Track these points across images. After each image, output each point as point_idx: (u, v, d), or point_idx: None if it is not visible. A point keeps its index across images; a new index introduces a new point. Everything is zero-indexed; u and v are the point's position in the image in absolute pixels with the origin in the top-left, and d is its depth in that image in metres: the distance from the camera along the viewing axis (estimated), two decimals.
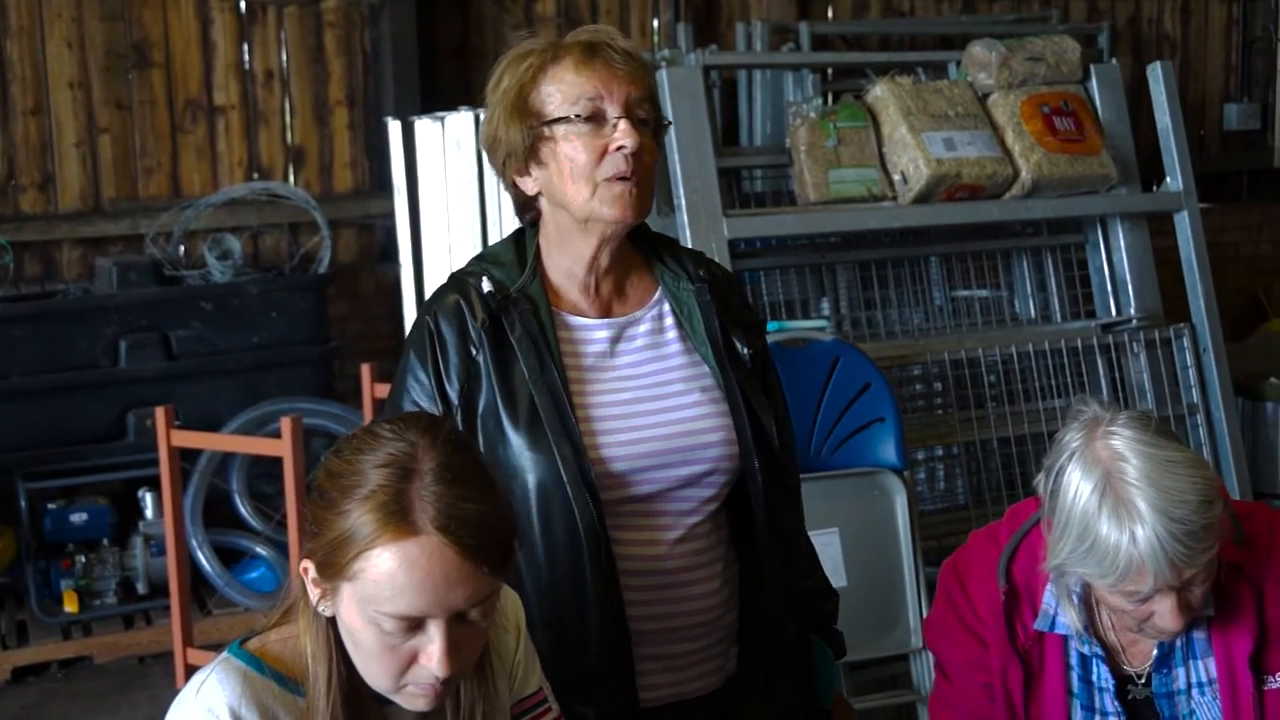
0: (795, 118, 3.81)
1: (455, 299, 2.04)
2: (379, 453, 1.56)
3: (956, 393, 3.97)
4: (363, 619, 1.55)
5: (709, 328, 2.09)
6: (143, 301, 5.17)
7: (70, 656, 4.89)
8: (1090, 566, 1.89)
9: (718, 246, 3.49)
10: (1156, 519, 1.83)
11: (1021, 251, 4.29)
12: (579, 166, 1.98)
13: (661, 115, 2.06)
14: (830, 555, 3.25)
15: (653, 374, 2.07)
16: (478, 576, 1.54)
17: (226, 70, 5.89)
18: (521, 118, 1.99)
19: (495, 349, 2.00)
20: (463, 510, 1.53)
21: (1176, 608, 1.89)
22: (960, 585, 2.13)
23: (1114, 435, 1.89)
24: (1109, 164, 3.93)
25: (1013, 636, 2.07)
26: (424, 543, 1.52)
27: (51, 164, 5.72)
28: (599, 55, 1.98)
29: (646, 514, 2.02)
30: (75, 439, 5.07)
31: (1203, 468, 1.89)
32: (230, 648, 1.64)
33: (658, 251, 2.16)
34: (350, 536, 1.53)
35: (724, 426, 2.06)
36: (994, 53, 3.94)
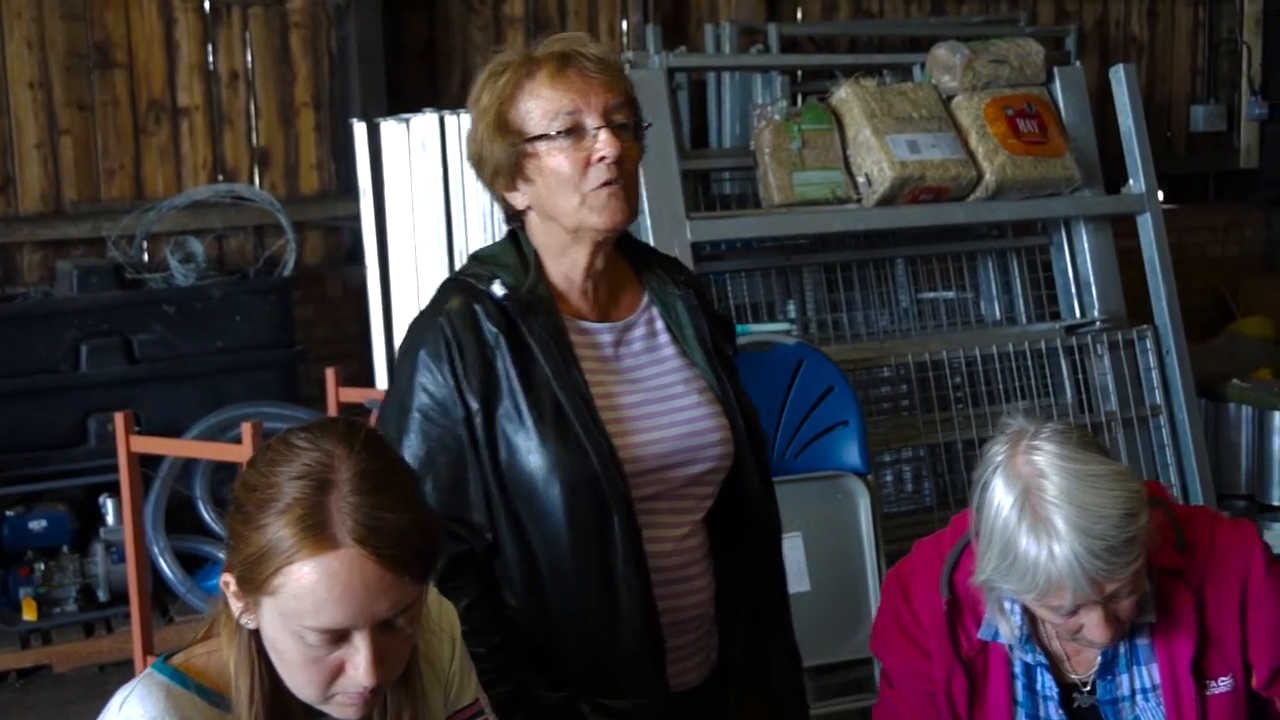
0: (759, 120, 3.80)
1: (465, 301, 2.04)
2: (294, 464, 1.53)
3: (922, 395, 3.97)
4: (286, 632, 1.52)
5: (699, 332, 2.14)
6: (104, 305, 5.11)
7: (29, 665, 4.84)
8: (1013, 582, 1.89)
9: (681, 249, 3.48)
10: (1074, 536, 1.83)
11: (987, 253, 4.29)
12: (564, 179, 2.00)
13: (641, 117, 2.08)
14: (793, 559, 3.24)
15: (653, 376, 2.12)
16: (400, 585, 1.51)
17: (190, 71, 5.83)
18: (503, 135, 2.01)
19: (513, 351, 2.01)
20: (382, 520, 1.50)
21: (1104, 620, 1.89)
22: (904, 595, 2.13)
23: (1036, 450, 1.89)
24: (1072, 166, 3.94)
25: (956, 646, 2.07)
26: (344, 555, 1.49)
27: (11, 165, 5.65)
28: (572, 66, 2.00)
29: (659, 511, 2.06)
30: (35, 444, 5.01)
31: (1126, 480, 1.88)
32: (155, 663, 1.62)
33: (641, 258, 2.19)
34: (269, 551, 1.50)
35: (722, 426, 2.11)
36: (958, 55, 3.94)
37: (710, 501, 2.12)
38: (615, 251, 2.13)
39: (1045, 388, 4.05)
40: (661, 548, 2.06)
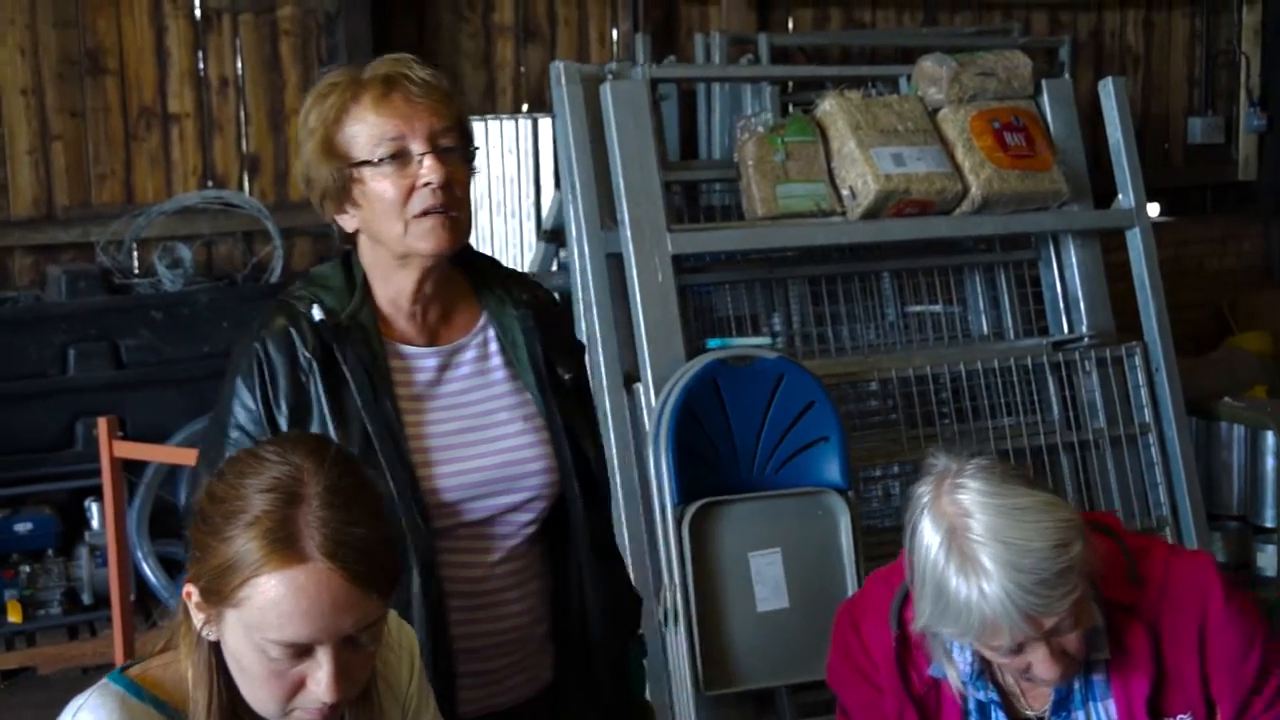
0: (743, 132, 3.79)
1: (284, 324, 2.03)
2: (263, 476, 1.53)
3: (910, 410, 3.95)
4: (249, 645, 1.52)
5: (532, 355, 2.12)
6: (92, 310, 5.11)
7: (14, 667, 4.85)
8: (949, 625, 1.87)
9: (661, 261, 3.47)
10: (1003, 572, 1.80)
11: (974, 268, 4.27)
12: (388, 205, 1.99)
13: (470, 140, 2.07)
14: (772, 575, 3.23)
15: (478, 402, 2.10)
16: (366, 602, 1.51)
17: (181, 78, 5.82)
18: (330, 159, 2.01)
19: (326, 377, 2.00)
20: (351, 536, 1.50)
21: (1050, 657, 1.86)
22: (854, 629, 2.11)
23: (960, 489, 1.86)
24: (1060, 180, 3.92)
25: (907, 682, 2.04)
26: (311, 570, 1.49)
27: (4, 171, 5.64)
28: (396, 90, 1.99)
29: (470, 538, 2.06)
30: (22, 447, 5.00)
31: (1055, 510, 1.85)
32: (111, 674, 1.61)
33: (484, 276, 2.17)
34: (235, 563, 1.49)
35: (545, 455, 2.10)
36: (944, 67, 3.93)
37: (533, 528, 2.11)
38: (455, 270, 2.12)
39: (1032, 404, 4.03)
40: (472, 573, 2.06)
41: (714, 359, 3.30)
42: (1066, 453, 3.93)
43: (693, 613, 3.11)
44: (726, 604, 3.17)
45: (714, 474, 3.24)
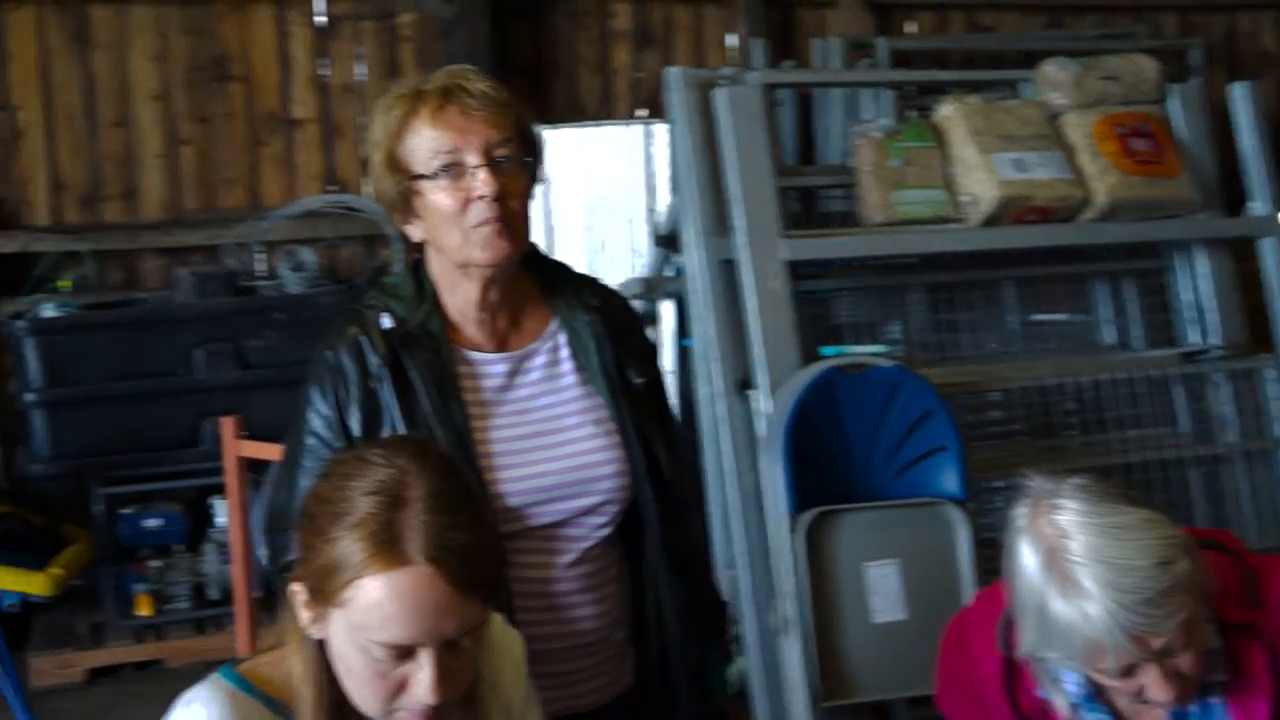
0: (859, 137, 3.74)
1: (355, 333, 2.08)
2: (367, 479, 1.55)
3: (1031, 421, 3.87)
4: (352, 645, 1.54)
5: (603, 359, 2.14)
6: (218, 312, 5.25)
7: (144, 660, 4.99)
8: (1055, 650, 1.83)
9: (775, 268, 3.44)
10: (1105, 593, 1.76)
11: (1100, 276, 4.18)
12: (446, 217, 2.03)
13: (533, 149, 2.09)
14: (889, 587, 3.18)
15: (548, 407, 2.12)
16: (468, 606, 1.53)
17: (304, 84, 5.96)
18: (392, 171, 2.06)
19: (396, 384, 2.04)
20: (453, 540, 1.52)
21: (1163, 679, 1.81)
22: (962, 648, 2.08)
23: (1057, 509, 1.83)
24: (1189, 187, 3.81)
25: (1015, 703, 2.00)
26: (414, 573, 1.51)
27: (135, 175, 5.82)
28: (453, 102, 2.02)
29: (542, 540, 2.08)
30: (151, 445, 5.16)
31: (1157, 528, 1.81)
32: (221, 669, 1.65)
33: (554, 282, 2.20)
34: (340, 564, 1.52)
35: (617, 459, 2.12)
36: (1067, 72, 3.84)
37: (606, 531, 2.13)
38: (525, 276, 2.16)
39: (1160, 417, 3.93)
40: (544, 574, 2.08)
41: (829, 366, 3.26)
42: (1195, 467, 3.83)
43: (807, 623, 3.08)
44: (842, 614, 3.13)
45: (829, 483, 3.20)
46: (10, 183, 5.67)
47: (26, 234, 5.62)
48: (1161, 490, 3.71)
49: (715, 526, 3.90)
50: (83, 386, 5.05)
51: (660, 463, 2.16)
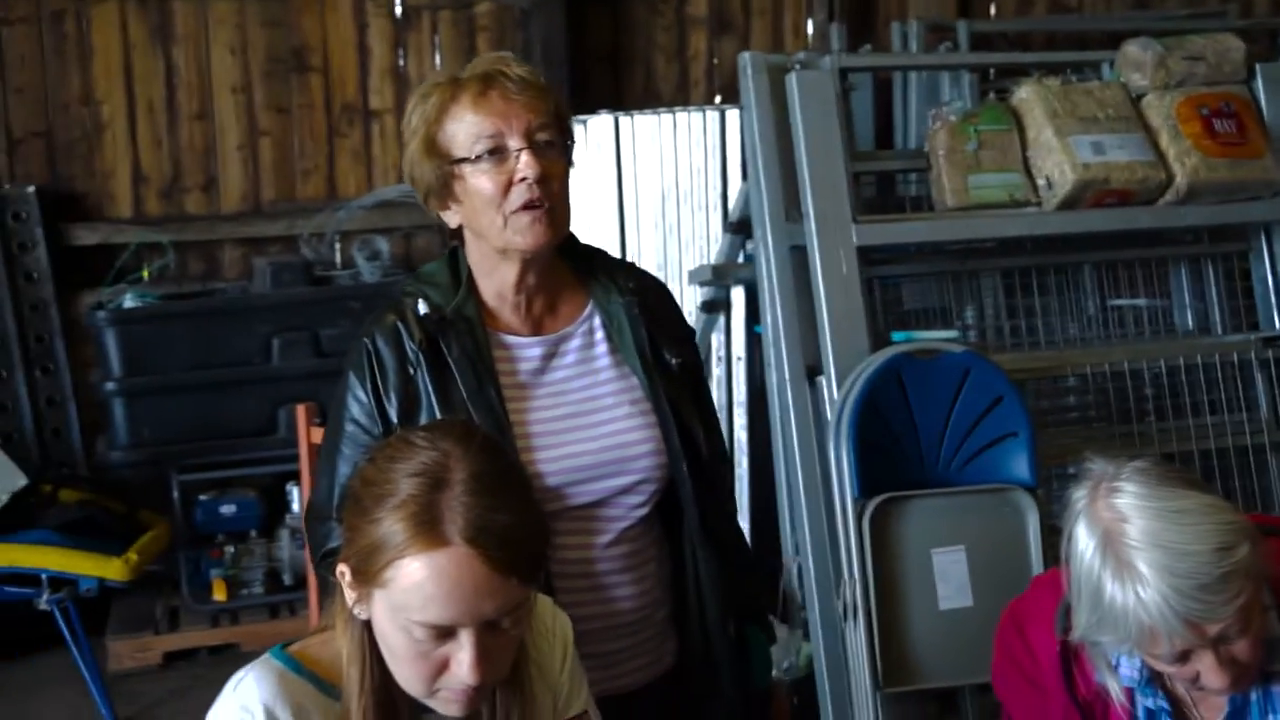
0: (935, 121, 3.68)
1: (393, 320, 2.10)
2: (411, 461, 1.56)
3: (1112, 407, 3.80)
4: (394, 625, 1.55)
5: (637, 340, 2.15)
6: (294, 301, 5.30)
7: (218, 644, 5.05)
8: (1108, 634, 1.80)
9: (846, 253, 3.40)
10: (1160, 578, 1.72)
11: (1180, 260, 4.08)
12: (487, 200, 2.04)
13: (569, 135, 2.12)
14: (956, 574, 3.14)
15: (584, 389, 2.13)
16: (507, 587, 1.53)
17: (382, 74, 5.99)
18: (431, 157, 2.06)
19: (433, 369, 2.05)
20: (492, 521, 1.52)
21: (1218, 665, 1.76)
22: (1019, 633, 2.04)
23: (1117, 493, 1.80)
24: (1273, 169, 3.71)
25: (1072, 688, 1.96)
26: (453, 554, 1.51)
27: (215, 166, 5.89)
28: (494, 87, 2.04)
29: (580, 520, 2.09)
30: (228, 433, 5.23)
31: (1218, 513, 1.77)
32: (272, 650, 1.68)
33: (590, 265, 2.20)
34: (382, 545, 1.53)
35: (653, 439, 2.12)
36: (1149, 52, 3.76)
37: (644, 510, 2.14)
38: (560, 261, 2.17)
39: (1240, 402, 3.83)
40: (583, 554, 2.09)
41: (898, 352, 3.22)
42: (1276, 453, 3.73)
43: (872, 608, 3.05)
44: (908, 601, 3.09)
45: (896, 469, 3.17)
46: (93, 176, 5.77)
47: (109, 226, 5.71)
48: (1241, 477, 3.63)
49: (783, 512, 3.87)
50: (161, 375, 5.13)
51: (697, 442, 2.17)
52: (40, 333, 5.57)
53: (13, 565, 4.57)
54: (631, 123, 5.06)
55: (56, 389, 5.58)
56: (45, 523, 4.72)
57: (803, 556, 3.46)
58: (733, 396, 4.70)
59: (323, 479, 2.14)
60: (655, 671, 2.18)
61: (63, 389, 5.59)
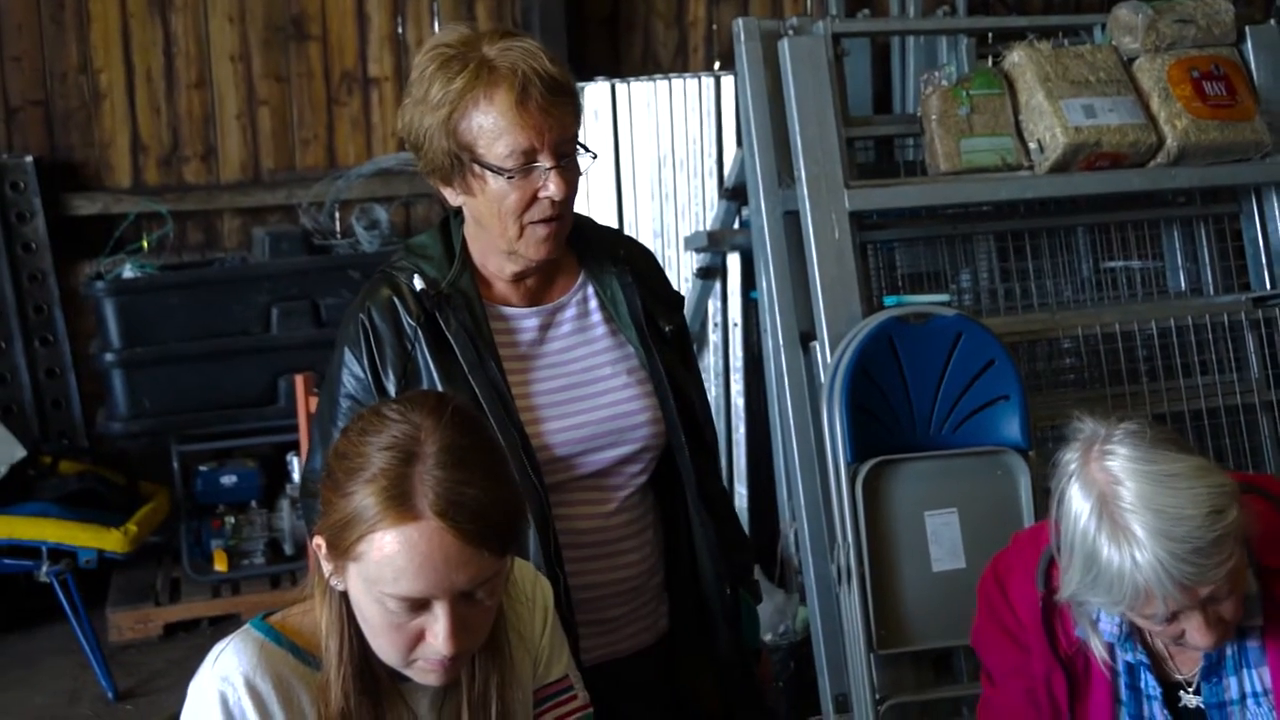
0: (927, 86, 3.69)
1: (388, 294, 2.08)
2: (383, 435, 1.57)
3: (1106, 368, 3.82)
4: (369, 598, 1.57)
5: (632, 310, 2.15)
6: (293, 270, 5.31)
7: (219, 614, 5.07)
8: (1100, 595, 1.82)
9: (838, 218, 3.42)
10: (1156, 542, 1.75)
11: (1172, 222, 4.09)
12: (508, 209, 2.01)
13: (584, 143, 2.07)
14: (949, 536, 3.17)
15: (581, 359, 2.13)
16: (479, 559, 1.54)
17: (381, 42, 5.98)
18: (450, 138, 2.00)
19: (432, 344, 2.04)
20: (463, 494, 1.53)
21: (1205, 625, 1.80)
22: (1000, 589, 2.07)
23: (1109, 455, 1.82)
24: (1263, 130, 3.72)
25: (1054, 642, 1.99)
26: (424, 527, 1.52)
27: (214, 135, 5.89)
28: (531, 94, 1.96)
29: (583, 490, 2.10)
30: (228, 403, 5.24)
31: (1208, 476, 1.79)
32: (253, 620, 1.69)
33: (581, 235, 2.19)
34: (354, 518, 1.54)
35: (651, 407, 2.13)
36: (1140, 15, 3.76)
37: (643, 478, 2.15)
38: None
39: (1231, 362, 3.86)
40: (589, 524, 2.09)
41: (890, 316, 3.24)
42: (1266, 412, 3.76)
43: (866, 571, 3.08)
44: (901, 563, 3.12)
45: (889, 433, 3.19)
46: (92, 145, 5.77)
47: (107, 195, 5.72)
48: (1232, 436, 3.66)
49: (779, 477, 3.90)
50: (161, 346, 5.14)
51: (694, 409, 2.18)
52: (39, 303, 5.58)
53: (12, 537, 4.60)
54: (629, 89, 5.07)
55: (56, 360, 5.60)
56: (45, 494, 4.75)
57: (798, 521, 3.49)
58: (729, 362, 4.72)
59: (317, 453, 2.14)
60: (651, 636, 2.21)
61: (62, 360, 5.60)
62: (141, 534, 4.76)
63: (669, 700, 2.24)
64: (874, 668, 3.14)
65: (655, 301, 2.20)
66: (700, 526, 2.19)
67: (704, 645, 2.23)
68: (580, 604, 2.08)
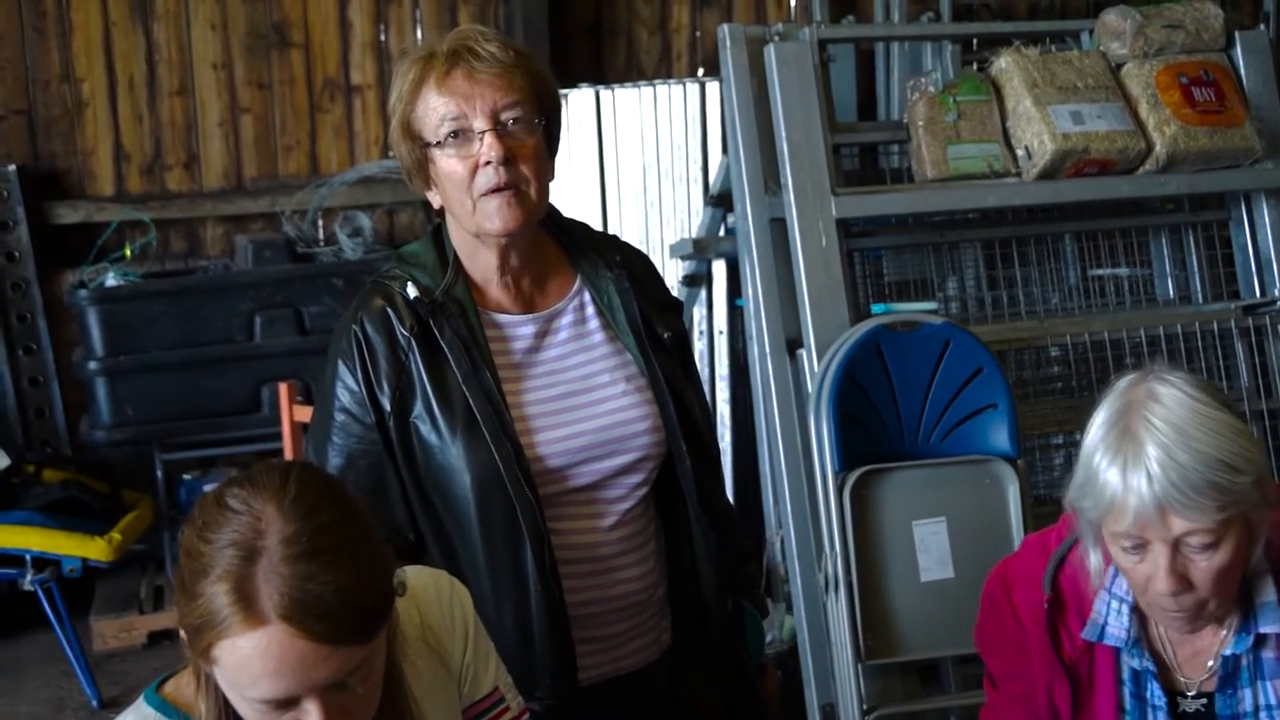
0: (914, 92, 3.68)
1: (381, 304, 2.04)
2: (225, 530, 1.46)
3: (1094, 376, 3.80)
4: (236, 696, 1.49)
5: (629, 315, 2.11)
6: (277, 278, 5.27)
7: None
8: (1087, 499, 1.80)
9: (825, 225, 3.40)
10: (1156, 454, 1.73)
11: (1160, 229, 4.08)
12: (456, 184, 1.99)
13: (547, 108, 2.03)
14: (937, 545, 3.15)
15: (579, 365, 2.09)
16: (338, 654, 1.45)
17: (363, 49, 5.95)
18: (406, 137, 2.02)
19: (426, 354, 2.00)
20: (307, 593, 1.42)
21: (1169, 569, 1.77)
22: (1005, 592, 2.04)
23: (1164, 381, 1.80)
24: (1252, 136, 3.71)
25: (1057, 647, 1.96)
26: (271, 632, 1.42)
27: (196, 143, 5.85)
28: (459, 66, 1.97)
29: (582, 504, 2.05)
30: (211, 412, 5.20)
31: (1243, 440, 1.77)
32: (146, 691, 1.62)
33: (575, 241, 2.15)
34: (205, 623, 1.45)
35: (651, 414, 2.08)
36: (1128, 20, 3.75)
37: (644, 490, 2.10)
38: (546, 237, 2.12)
39: (1220, 370, 3.84)
40: (587, 539, 2.04)
41: (878, 324, 3.22)
42: (1256, 421, 3.74)
43: (854, 581, 3.06)
44: (889, 573, 3.10)
45: (877, 441, 3.17)
46: (74, 153, 5.73)
47: (90, 203, 5.68)
48: None
49: (765, 486, 3.88)
50: (144, 354, 5.10)
51: (694, 416, 2.14)
52: (22, 312, 5.54)
53: None
54: (613, 96, 5.05)
55: (39, 369, 5.56)
56: (28, 503, 4.71)
57: (785, 530, 3.47)
58: (715, 370, 4.70)
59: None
60: (655, 651, 2.16)
61: (45, 368, 5.57)
62: (125, 542, 4.72)
63: (672, 716, 2.20)
64: (861, 678, 3.11)
65: (653, 307, 2.16)
66: (703, 538, 2.14)
67: (708, 660, 2.19)
68: (578, 621, 2.03)
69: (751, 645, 2.29)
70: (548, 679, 2.01)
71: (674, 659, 2.18)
